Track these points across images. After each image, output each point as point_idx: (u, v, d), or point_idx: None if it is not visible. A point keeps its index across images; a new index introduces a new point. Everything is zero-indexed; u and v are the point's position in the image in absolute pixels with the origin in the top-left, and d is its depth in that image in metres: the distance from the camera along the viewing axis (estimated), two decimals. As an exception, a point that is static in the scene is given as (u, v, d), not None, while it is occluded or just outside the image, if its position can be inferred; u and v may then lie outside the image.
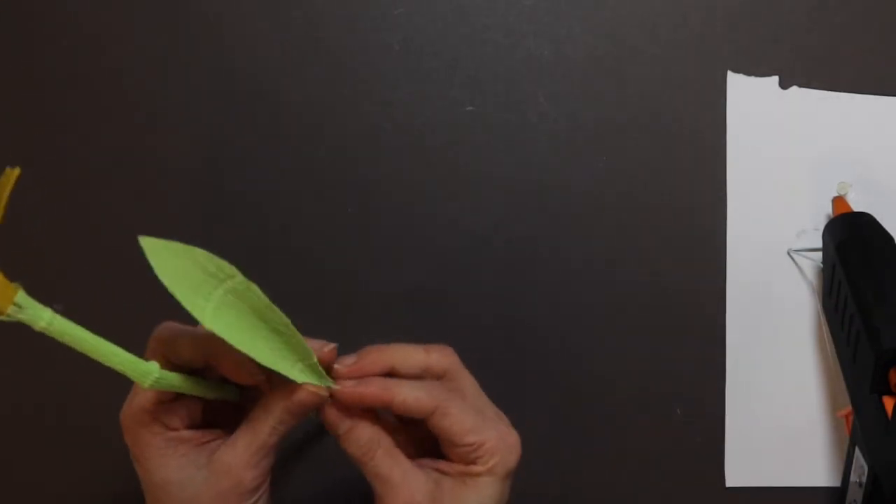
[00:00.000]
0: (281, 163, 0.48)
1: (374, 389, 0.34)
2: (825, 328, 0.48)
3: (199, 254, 0.30)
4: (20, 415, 0.47)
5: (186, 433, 0.35)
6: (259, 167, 0.48)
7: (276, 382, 0.34)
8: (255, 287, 0.31)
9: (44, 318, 0.29)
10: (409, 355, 0.36)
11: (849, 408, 0.44)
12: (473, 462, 0.35)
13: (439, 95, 0.48)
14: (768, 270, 0.49)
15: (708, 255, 0.49)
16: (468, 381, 0.38)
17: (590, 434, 0.48)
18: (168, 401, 0.34)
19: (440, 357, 0.37)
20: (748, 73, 0.49)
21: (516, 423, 0.37)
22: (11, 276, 0.28)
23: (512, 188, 0.48)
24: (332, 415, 0.35)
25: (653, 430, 0.48)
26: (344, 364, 0.35)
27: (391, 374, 0.36)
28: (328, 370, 0.35)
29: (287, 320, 0.32)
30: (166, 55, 0.48)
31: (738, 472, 0.48)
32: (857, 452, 0.43)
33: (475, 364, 0.40)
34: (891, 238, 0.44)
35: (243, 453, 0.34)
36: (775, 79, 0.49)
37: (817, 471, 0.49)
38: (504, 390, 0.47)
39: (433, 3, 0.49)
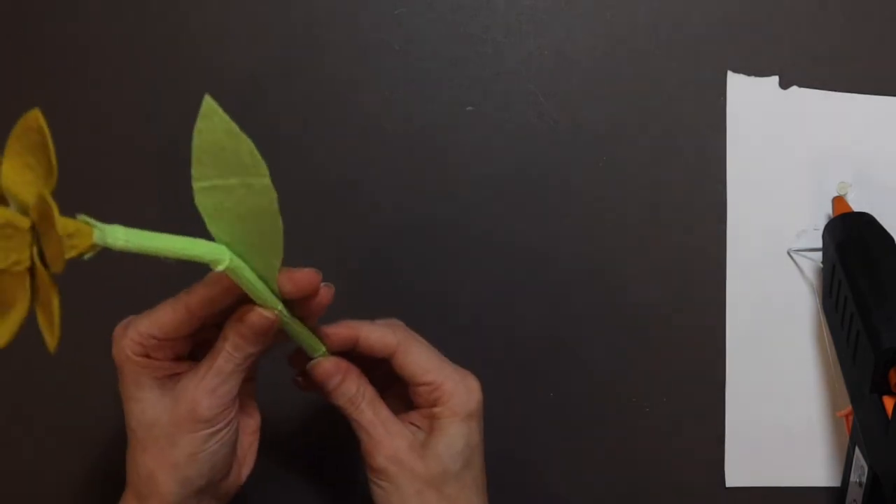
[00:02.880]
0: (280, 163, 0.48)
1: (343, 329, 0.38)
2: (825, 328, 0.48)
3: (247, 143, 0.30)
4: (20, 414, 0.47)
5: (164, 362, 0.36)
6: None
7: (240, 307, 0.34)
8: (273, 195, 0.31)
9: (120, 237, 0.28)
10: (358, 324, 0.39)
11: (849, 408, 0.44)
12: (434, 404, 0.38)
13: (439, 95, 0.48)
14: (768, 270, 0.49)
15: (708, 255, 0.49)
16: (419, 337, 0.40)
17: (589, 434, 0.48)
18: (161, 337, 0.35)
19: (386, 323, 0.40)
20: (748, 73, 0.49)
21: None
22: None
23: (512, 188, 0.48)
24: (324, 370, 0.37)
25: (653, 430, 0.48)
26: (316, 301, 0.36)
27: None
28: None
29: (280, 249, 0.32)
30: (165, 55, 0.48)
31: (738, 472, 0.48)
32: (857, 452, 0.43)
33: (475, 363, 0.40)
34: (891, 238, 0.44)
35: (201, 380, 0.35)
36: (775, 79, 0.49)
37: (817, 471, 0.49)
38: (503, 390, 0.48)
39: (433, 3, 0.49)
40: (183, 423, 0.34)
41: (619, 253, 0.49)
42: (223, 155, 0.30)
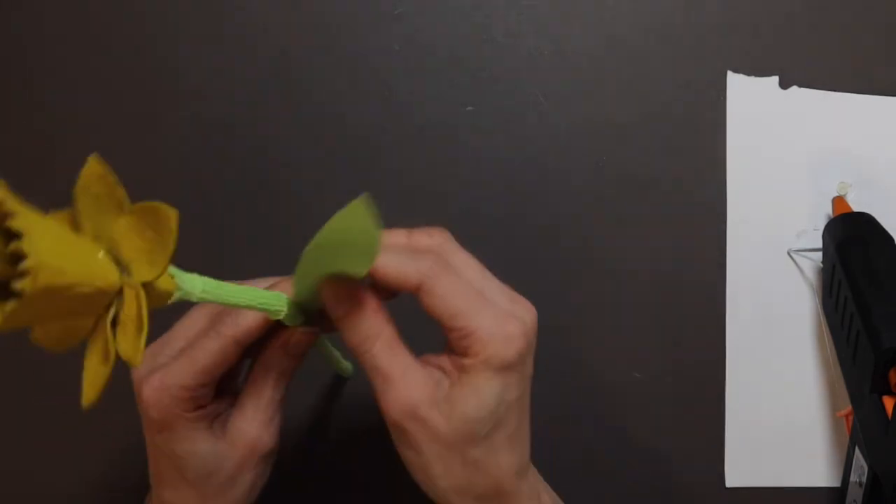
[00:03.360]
0: (280, 162, 0.48)
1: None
2: (825, 328, 0.48)
3: (375, 238, 0.29)
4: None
5: (210, 407, 0.34)
6: (257, 167, 0.48)
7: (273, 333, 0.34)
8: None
9: (198, 287, 0.28)
10: (388, 237, 0.32)
11: (849, 408, 0.44)
12: (465, 353, 0.30)
13: (439, 95, 0.48)
14: (768, 270, 0.49)
15: (708, 255, 0.49)
16: (463, 259, 0.33)
17: (589, 433, 0.48)
18: (209, 383, 0.33)
19: (425, 237, 0.33)
20: (748, 73, 0.49)
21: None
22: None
23: (512, 188, 0.48)
24: (330, 296, 0.32)
25: (653, 430, 0.48)
26: None
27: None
28: None
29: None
30: (165, 55, 0.48)
31: (738, 472, 0.48)
32: (857, 452, 0.43)
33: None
34: (891, 238, 0.44)
35: (254, 415, 0.34)
36: (775, 79, 0.49)
37: (817, 471, 0.49)
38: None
39: (433, 3, 0.49)
40: (247, 464, 0.34)
41: (618, 253, 0.48)
42: (347, 248, 0.30)
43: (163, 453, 0.33)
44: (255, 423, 0.34)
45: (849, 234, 0.45)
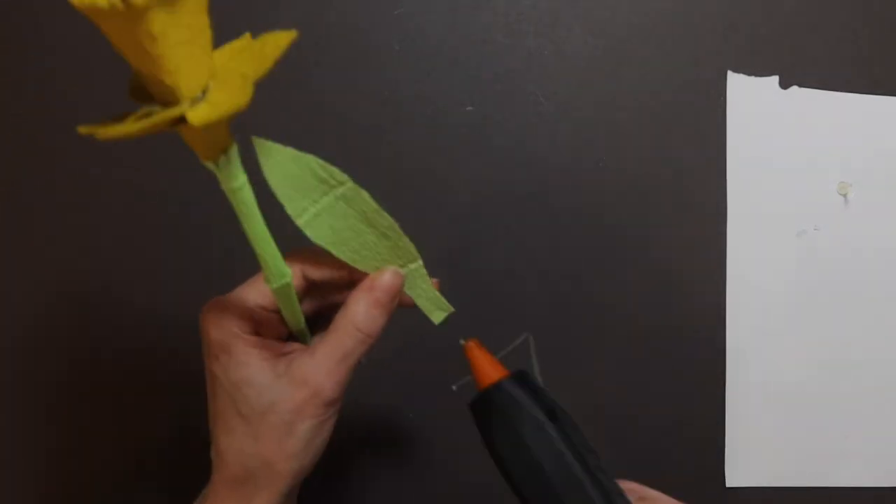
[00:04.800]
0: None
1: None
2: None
3: (312, 160, 0.31)
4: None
5: (273, 341, 0.34)
6: (257, 166, 0.48)
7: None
8: (364, 192, 0.32)
9: (238, 180, 0.29)
10: None
11: None
12: None
13: (439, 95, 0.48)
14: (768, 271, 0.49)
15: (708, 256, 0.49)
16: None
17: (589, 433, 0.48)
18: (272, 309, 0.33)
19: None
20: (748, 73, 0.49)
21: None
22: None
23: (512, 188, 0.48)
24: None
25: (653, 430, 0.48)
26: None
27: None
28: None
29: (394, 223, 0.33)
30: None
31: (738, 472, 0.48)
32: None
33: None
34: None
35: (323, 362, 0.32)
36: (775, 79, 0.49)
37: (817, 471, 0.49)
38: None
39: (433, 3, 0.49)
40: (305, 409, 0.32)
41: (618, 253, 0.49)
42: (300, 181, 0.31)
43: (219, 384, 0.32)
44: (322, 367, 0.32)
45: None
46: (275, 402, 0.32)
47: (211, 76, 0.26)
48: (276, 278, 0.32)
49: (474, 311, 0.48)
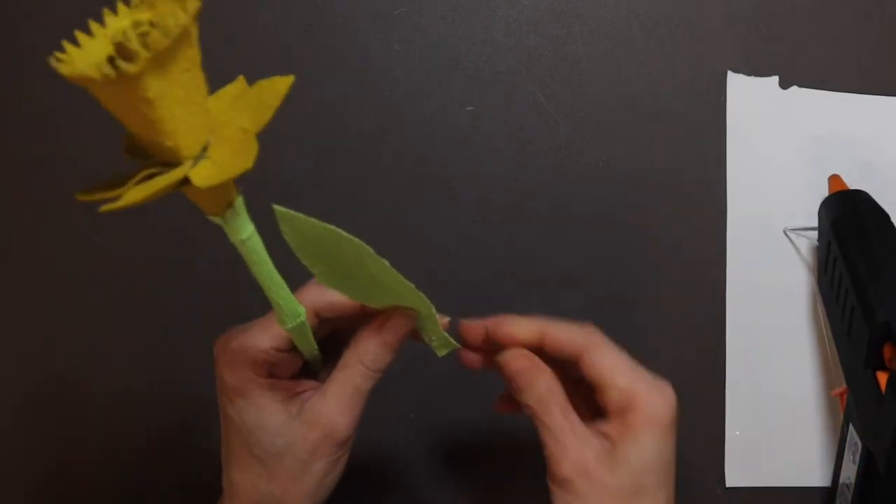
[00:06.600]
0: (279, 162, 0.48)
1: (529, 326, 0.35)
2: (820, 307, 0.47)
3: (333, 232, 0.30)
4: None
5: (286, 381, 0.34)
6: (257, 167, 0.48)
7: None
8: (384, 261, 0.32)
9: (246, 231, 0.29)
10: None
11: (843, 386, 0.44)
12: (627, 411, 0.33)
13: (439, 95, 0.48)
14: (769, 271, 0.49)
15: (708, 255, 0.49)
16: (611, 341, 0.36)
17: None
18: (285, 350, 0.33)
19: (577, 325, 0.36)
20: (748, 73, 0.49)
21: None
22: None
23: (512, 188, 0.48)
24: (513, 365, 0.35)
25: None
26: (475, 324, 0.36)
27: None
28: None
29: (412, 286, 0.32)
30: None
31: (738, 472, 0.48)
32: (851, 429, 0.43)
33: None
34: (885, 214, 0.44)
35: (335, 401, 0.33)
36: (775, 79, 0.49)
37: (817, 471, 0.49)
38: (501, 388, 0.47)
39: (433, 3, 0.49)
40: (319, 449, 0.33)
41: (618, 253, 0.49)
42: (320, 246, 0.30)
43: (234, 425, 0.33)
44: (334, 407, 0.33)
45: (844, 210, 0.45)
46: (289, 444, 0.32)
47: (210, 131, 0.25)
48: (290, 319, 0.32)
49: (474, 311, 0.48)
